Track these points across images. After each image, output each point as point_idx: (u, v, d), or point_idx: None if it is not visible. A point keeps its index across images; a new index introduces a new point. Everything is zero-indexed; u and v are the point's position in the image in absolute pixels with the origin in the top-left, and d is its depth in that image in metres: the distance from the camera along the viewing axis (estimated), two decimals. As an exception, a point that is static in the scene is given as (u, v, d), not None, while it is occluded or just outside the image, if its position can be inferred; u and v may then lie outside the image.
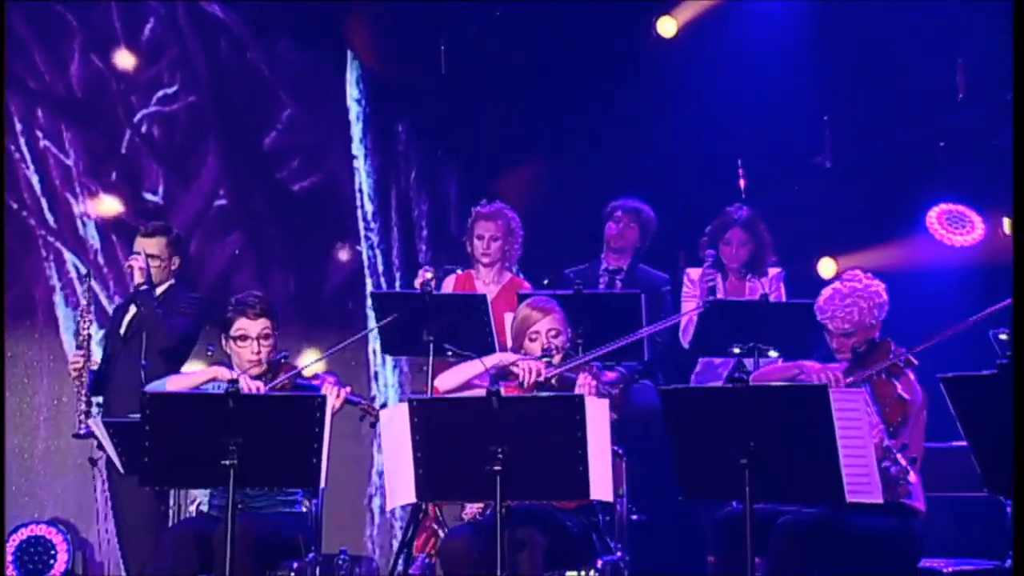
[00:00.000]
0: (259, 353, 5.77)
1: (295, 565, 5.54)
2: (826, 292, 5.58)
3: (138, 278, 7.01)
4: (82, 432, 7.03)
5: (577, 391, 5.45)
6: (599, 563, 5.55)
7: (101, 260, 9.62)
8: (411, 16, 9.61)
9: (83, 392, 7.05)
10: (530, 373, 5.55)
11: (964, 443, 5.39)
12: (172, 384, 5.77)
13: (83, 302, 7.31)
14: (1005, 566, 5.52)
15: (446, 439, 4.86)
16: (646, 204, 7.81)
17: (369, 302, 10.05)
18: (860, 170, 8.50)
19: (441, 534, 6.94)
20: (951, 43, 7.92)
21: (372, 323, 10.06)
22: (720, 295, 7.22)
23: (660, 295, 7.49)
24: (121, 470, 6.55)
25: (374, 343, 10.12)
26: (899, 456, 4.96)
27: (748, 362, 6.95)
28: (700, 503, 7.03)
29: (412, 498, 4.98)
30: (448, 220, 10.25)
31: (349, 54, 10.12)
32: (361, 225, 10.08)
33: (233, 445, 4.87)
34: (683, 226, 8.23)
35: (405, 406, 4.87)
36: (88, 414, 7.03)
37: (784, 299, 7.21)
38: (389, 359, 10.01)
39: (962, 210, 8.05)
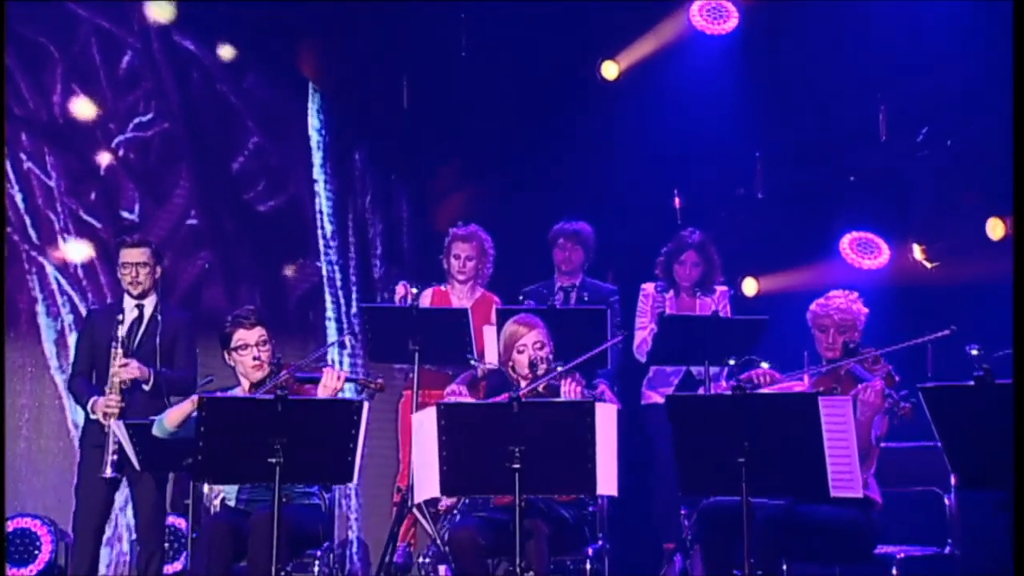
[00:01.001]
0: (259, 358, 5.84)
1: (318, 553, 5.64)
2: (825, 302, 5.80)
3: (143, 376, 6.78)
4: (108, 476, 6.75)
5: (563, 397, 5.62)
6: (590, 550, 5.73)
7: (80, 273, 9.60)
8: (376, 54, 9.73)
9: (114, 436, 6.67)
10: None
11: (907, 444, 5.77)
12: (170, 416, 5.79)
13: (119, 350, 6.81)
14: (945, 552, 5.73)
15: (470, 439, 4.97)
16: (581, 222, 7.91)
17: (329, 313, 10.30)
18: (782, 200, 8.64)
19: (425, 525, 7.08)
20: (872, 88, 8.07)
21: (331, 333, 10.32)
22: (672, 311, 7.38)
23: (609, 304, 7.55)
24: (137, 467, 6.61)
25: (332, 352, 10.28)
26: (897, 397, 5.18)
27: (698, 371, 7.24)
28: (656, 500, 7.28)
29: (437, 492, 5.07)
30: (400, 239, 10.41)
31: (311, 87, 10.23)
32: (321, 243, 10.16)
33: (278, 445, 4.95)
34: (624, 247, 8.41)
35: (434, 410, 4.99)
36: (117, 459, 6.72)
37: (730, 314, 7.39)
38: (347, 363, 10.14)
39: (871, 237, 8.22)
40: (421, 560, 7.13)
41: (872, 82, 8.02)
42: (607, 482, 4.92)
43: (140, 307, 7.09)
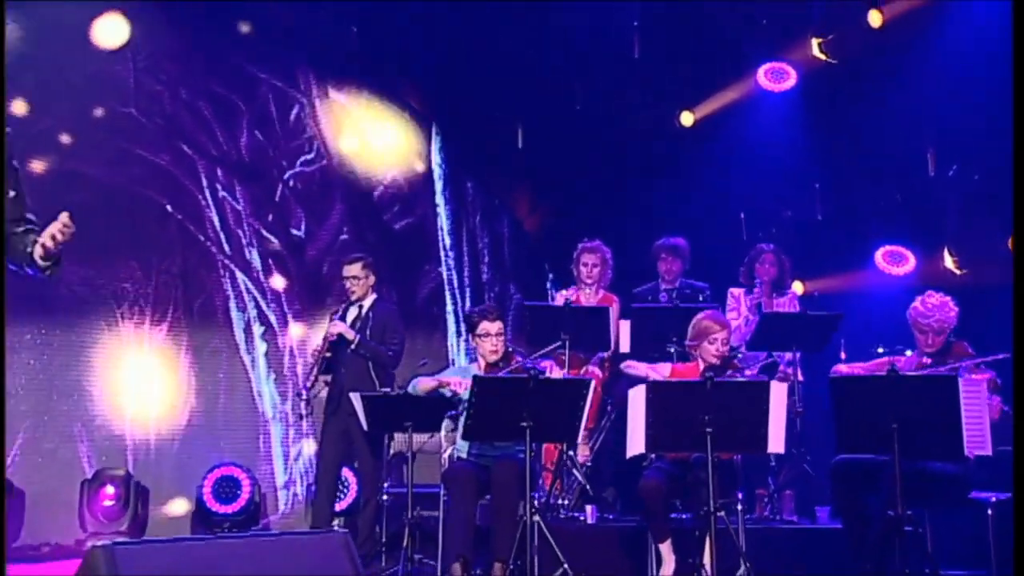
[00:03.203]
0: (497, 345, 5.88)
1: (536, 495, 5.72)
2: (921, 307, 5.60)
3: (349, 336, 7.03)
4: (304, 396, 7.23)
5: None
6: (739, 495, 5.75)
7: (261, 278, 9.69)
8: (487, 106, 9.81)
9: (315, 371, 7.24)
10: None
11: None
12: (421, 383, 5.94)
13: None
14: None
15: (671, 409, 4.99)
16: (679, 238, 7.82)
17: (448, 308, 10.39)
18: (831, 219, 8.53)
19: (577, 475, 7.16)
20: (920, 127, 7.84)
21: (450, 323, 10.41)
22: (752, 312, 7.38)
23: (705, 297, 7.54)
24: (365, 428, 6.71)
25: (452, 338, 10.39)
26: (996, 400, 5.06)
27: (777, 354, 7.31)
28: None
29: (643, 450, 5.09)
30: (503, 250, 10.50)
31: (433, 130, 10.32)
32: (442, 253, 10.27)
33: (527, 411, 5.02)
34: (700, 256, 8.42)
35: (644, 386, 5.04)
36: (313, 386, 7.23)
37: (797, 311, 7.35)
38: (462, 350, 10.24)
39: (900, 249, 8.11)
40: (565, 502, 7.21)
41: (908, 126, 7.86)
42: (776, 443, 4.98)
43: (360, 307, 7.28)
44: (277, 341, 9.67)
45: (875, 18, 7.30)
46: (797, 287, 8.35)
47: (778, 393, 4.96)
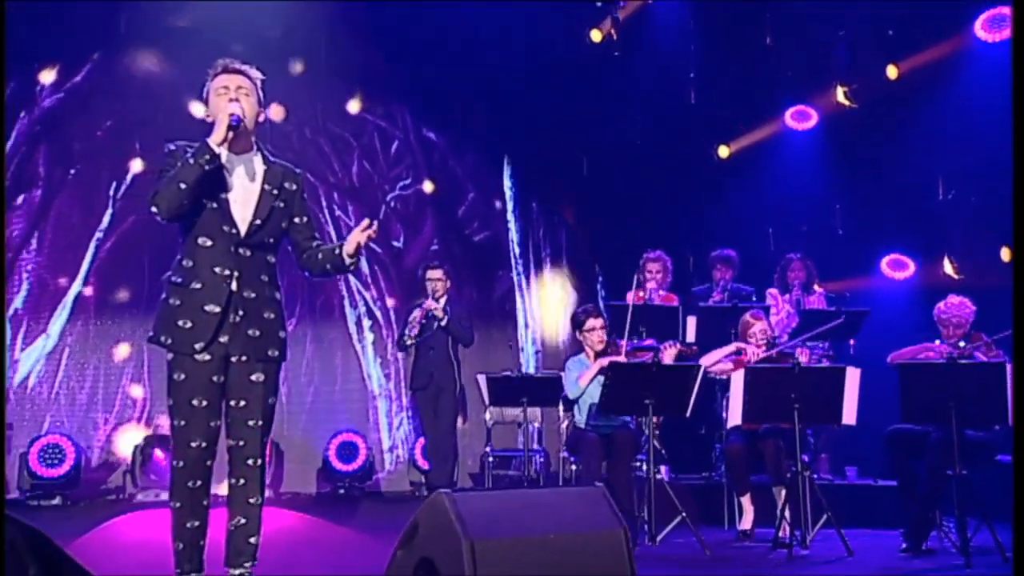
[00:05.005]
0: (602, 336, 5.90)
1: (641, 457, 5.83)
2: (944, 306, 5.56)
3: (439, 313, 7.27)
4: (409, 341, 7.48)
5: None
6: (805, 458, 5.86)
7: (369, 281, 9.79)
8: (550, 139, 9.92)
9: (411, 331, 7.43)
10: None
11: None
12: (582, 380, 5.81)
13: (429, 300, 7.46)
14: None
15: (765, 389, 5.07)
16: (730, 250, 7.73)
17: (517, 305, 10.49)
18: (847, 234, 8.41)
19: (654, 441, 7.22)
20: (925, 159, 7.65)
21: (519, 318, 10.50)
22: (791, 307, 7.41)
23: (750, 301, 7.49)
24: (487, 402, 6.82)
25: (521, 329, 10.48)
26: None
27: (812, 344, 7.36)
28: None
29: (740, 421, 5.16)
30: (561, 259, 10.60)
31: (505, 160, 10.42)
32: (512, 261, 10.33)
33: (648, 389, 5.15)
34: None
35: (743, 370, 5.12)
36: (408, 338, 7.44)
37: (825, 308, 7.35)
38: (529, 339, 10.34)
39: (901, 257, 8.03)
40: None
41: (914, 158, 7.69)
42: (850, 416, 5.08)
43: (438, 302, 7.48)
44: (382, 332, 9.78)
45: (892, 71, 7.40)
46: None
47: (852, 376, 5.04)
